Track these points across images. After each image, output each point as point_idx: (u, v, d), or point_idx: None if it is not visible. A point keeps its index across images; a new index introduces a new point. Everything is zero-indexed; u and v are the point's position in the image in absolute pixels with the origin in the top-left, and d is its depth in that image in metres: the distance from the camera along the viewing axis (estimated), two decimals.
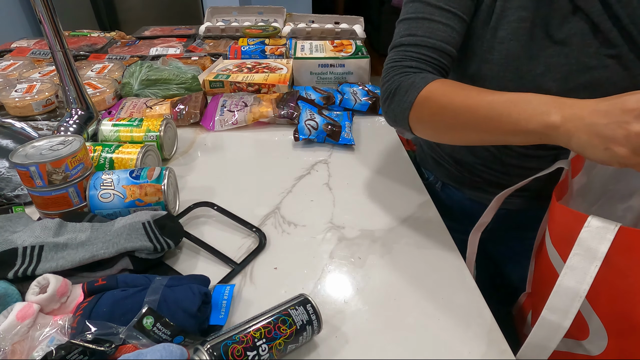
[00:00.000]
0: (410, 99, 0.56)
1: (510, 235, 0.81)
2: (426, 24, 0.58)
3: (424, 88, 0.55)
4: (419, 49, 0.58)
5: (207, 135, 0.89)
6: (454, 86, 0.54)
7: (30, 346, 0.41)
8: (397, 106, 0.58)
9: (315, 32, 1.32)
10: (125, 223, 0.54)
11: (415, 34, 0.58)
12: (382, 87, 0.61)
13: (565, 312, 0.45)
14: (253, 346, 0.41)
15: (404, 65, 0.59)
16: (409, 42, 0.59)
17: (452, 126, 0.54)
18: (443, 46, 0.58)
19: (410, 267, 0.57)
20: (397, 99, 0.58)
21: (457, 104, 0.52)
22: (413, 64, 0.58)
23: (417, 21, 0.59)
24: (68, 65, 0.73)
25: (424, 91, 0.55)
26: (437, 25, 0.58)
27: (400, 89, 0.57)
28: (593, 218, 0.43)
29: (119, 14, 2.69)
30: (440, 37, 0.58)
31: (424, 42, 0.58)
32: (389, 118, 0.62)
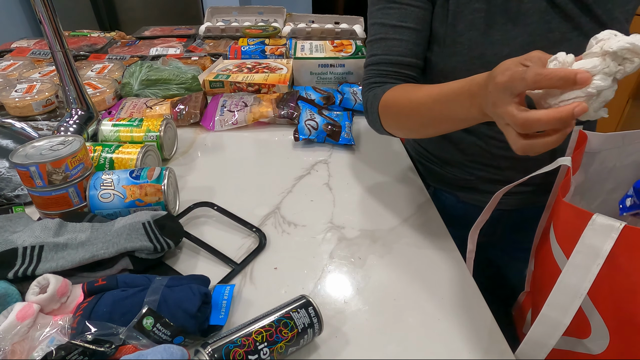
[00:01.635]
0: (375, 109, 0.65)
1: (506, 237, 0.81)
2: (383, 43, 0.65)
3: (382, 98, 0.63)
4: (379, 67, 0.66)
5: (207, 135, 0.89)
6: (401, 91, 0.62)
7: (30, 346, 0.41)
8: (371, 118, 0.68)
9: (315, 32, 1.32)
10: (125, 223, 0.54)
11: (375, 54, 0.66)
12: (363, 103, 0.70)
13: (566, 309, 0.45)
14: (254, 350, 0.41)
15: (370, 83, 0.67)
16: (372, 62, 0.67)
17: (412, 127, 0.63)
18: (400, 59, 0.64)
19: (410, 267, 0.57)
20: (369, 112, 0.67)
21: (404, 109, 0.60)
22: (377, 80, 0.66)
23: (377, 42, 0.66)
24: (68, 65, 0.73)
25: (382, 100, 0.63)
26: (392, 42, 0.64)
27: (368, 103, 0.67)
28: (598, 216, 0.43)
29: (119, 14, 2.69)
30: (396, 52, 0.64)
31: (383, 59, 0.65)
32: (373, 128, 0.70)
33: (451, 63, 0.63)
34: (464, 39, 0.61)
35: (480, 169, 0.73)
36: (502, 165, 0.71)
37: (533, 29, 0.59)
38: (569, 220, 0.48)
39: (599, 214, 0.43)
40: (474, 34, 0.60)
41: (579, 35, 0.58)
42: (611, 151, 0.58)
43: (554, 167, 0.54)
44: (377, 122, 0.66)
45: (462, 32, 0.61)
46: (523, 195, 0.73)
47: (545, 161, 0.54)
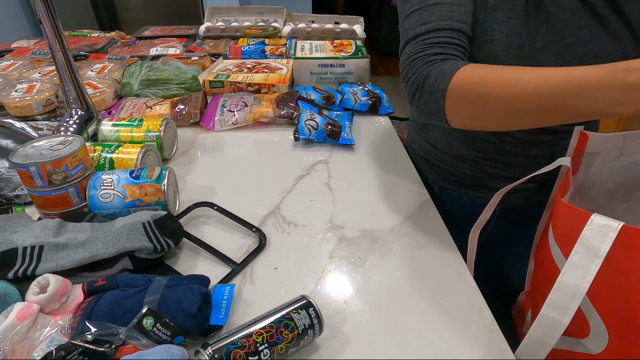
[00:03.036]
0: (443, 87, 0.53)
1: (512, 234, 0.81)
2: (438, 8, 0.56)
3: (455, 74, 0.52)
4: (438, 33, 0.56)
5: (207, 135, 0.89)
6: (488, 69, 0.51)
7: (30, 346, 0.41)
8: (429, 97, 0.55)
9: (315, 32, 1.32)
10: (125, 223, 0.54)
11: (429, 21, 0.56)
12: (407, 83, 0.57)
13: (565, 310, 0.45)
14: (255, 351, 0.41)
15: (427, 54, 0.55)
16: (426, 30, 0.56)
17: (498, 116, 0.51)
18: (461, 26, 0.56)
19: (410, 267, 0.57)
20: (427, 90, 0.55)
21: (500, 93, 0.49)
22: (437, 50, 0.55)
23: (427, 9, 0.57)
24: (68, 65, 0.73)
25: (456, 78, 0.52)
26: (450, 7, 0.56)
27: (429, 79, 0.54)
28: (596, 216, 0.43)
29: (119, 14, 2.69)
30: (456, 17, 0.56)
31: (442, 25, 0.56)
32: (421, 112, 0.58)
33: (485, 51, 0.59)
34: (502, 27, 0.58)
35: (491, 166, 0.72)
36: (514, 162, 0.70)
37: (564, 25, 0.58)
38: (568, 220, 0.48)
39: (597, 214, 0.43)
40: (514, 23, 0.57)
41: (607, 35, 0.58)
42: (612, 151, 0.58)
43: (553, 167, 0.54)
44: (437, 104, 0.54)
45: (501, 19, 0.58)
46: (529, 192, 0.73)
47: (555, 158, 0.54)
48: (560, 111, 0.45)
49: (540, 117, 0.48)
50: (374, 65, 0.96)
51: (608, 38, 0.58)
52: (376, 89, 1.03)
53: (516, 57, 0.59)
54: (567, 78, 0.44)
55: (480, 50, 0.60)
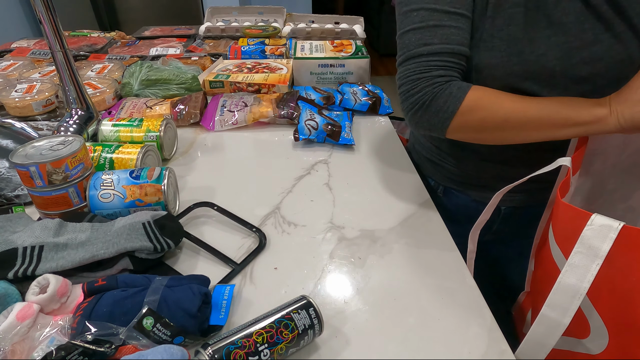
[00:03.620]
0: (452, 109, 0.58)
1: (516, 234, 0.81)
2: (439, 31, 0.59)
3: (466, 97, 0.58)
4: (441, 57, 0.59)
5: (207, 135, 0.89)
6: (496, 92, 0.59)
7: (30, 346, 0.41)
8: (434, 117, 0.60)
9: (315, 32, 1.32)
10: (125, 223, 0.54)
11: (432, 43, 0.59)
12: (409, 99, 0.61)
13: (565, 310, 0.45)
14: (255, 351, 0.41)
15: (432, 76, 0.59)
16: (429, 52, 0.59)
17: (502, 128, 0.58)
18: (461, 49, 0.60)
19: (410, 267, 0.57)
20: (433, 110, 0.59)
21: (507, 108, 0.57)
22: (441, 73, 0.59)
23: (429, 29, 0.59)
24: (68, 65, 0.73)
25: (467, 100, 0.58)
26: (450, 30, 0.59)
27: (437, 100, 0.59)
28: (597, 216, 0.43)
29: (119, 14, 2.69)
30: (456, 41, 0.59)
31: (444, 49, 0.59)
32: (420, 127, 0.63)
33: (487, 58, 0.61)
34: (502, 34, 0.59)
35: (496, 167, 0.73)
36: (518, 164, 0.70)
37: (568, 28, 0.58)
38: (568, 220, 0.48)
39: (598, 214, 0.43)
40: (514, 30, 0.59)
41: (610, 37, 0.58)
42: (612, 151, 0.58)
43: (554, 167, 0.54)
44: (443, 122, 0.60)
45: (501, 26, 0.59)
46: (533, 192, 0.73)
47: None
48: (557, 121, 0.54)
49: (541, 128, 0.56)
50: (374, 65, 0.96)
51: (612, 40, 0.58)
52: (376, 89, 1.03)
53: (517, 63, 0.59)
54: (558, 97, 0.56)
55: (481, 58, 0.61)
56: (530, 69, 0.59)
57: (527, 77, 0.60)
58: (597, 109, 0.52)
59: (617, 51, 0.58)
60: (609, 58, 0.59)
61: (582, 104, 0.53)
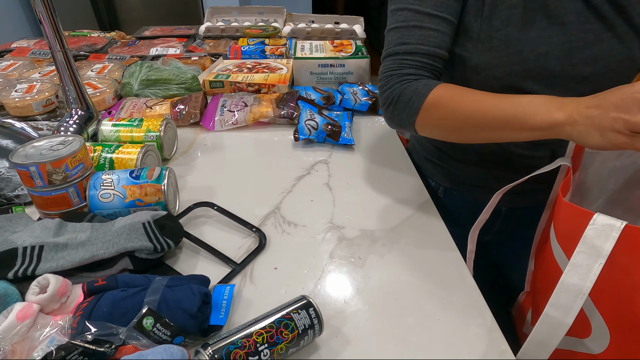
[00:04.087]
0: (417, 105, 0.59)
1: (517, 234, 0.81)
2: (417, 31, 0.61)
3: (429, 94, 0.58)
4: (415, 57, 0.61)
5: (207, 135, 0.89)
6: (459, 90, 0.58)
7: (30, 346, 0.41)
8: (402, 112, 0.61)
9: (315, 32, 1.32)
10: (125, 223, 0.54)
11: (408, 42, 0.61)
12: (383, 94, 0.64)
13: (568, 309, 0.45)
14: (255, 351, 0.41)
15: (402, 74, 0.62)
16: (404, 51, 0.62)
17: (462, 127, 0.58)
18: (436, 51, 0.61)
19: (410, 267, 0.57)
20: (400, 106, 0.61)
21: (467, 108, 0.56)
22: (412, 71, 0.61)
23: (409, 29, 0.61)
24: (68, 65, 0.73)
25: (430, 97, 0.58)
26: (429, 32, 0.61)
27: (403, 96, 0.61)
28: (599, 215, 0.43)
29: (119, 14, 2.69)
30: (433, 43, 0.61)
31: (418, 49, 0.61)
32: (392, 122, 0.65)
33: (486, 59, 0.61)
34: (500, 34, 0.59)
35: (496, 168, 0.73)
36: (518, 163, 0.70)
37: (569, 28, 0.58)
38: (570, 220, 0.48)
39: (600, 214, 0.43)
40: (511, 30, 0.59)
41: (611, 37, 0.58)
42: (612, 151, 0.58)
43: (554, 167, 0.54)
44: (409, 118, 0.61)
45: (499, 27, 0.59)
46: (534, 193, 0.73)
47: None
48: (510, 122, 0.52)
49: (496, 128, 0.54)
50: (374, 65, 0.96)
51: (613, 40, 0.58)
52: (376, 89, 1.02)
53: (517, 63, 0.59)
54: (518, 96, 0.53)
55: (480, 59, 0.61)
56: (530, 69, 0.59)
57: (528, 77, 0.60)
58: (554, 113, 0.48)
59: (619, 51, 0.58)
60: (610, 58, 0.59)
61: (541, 106, 0.50)
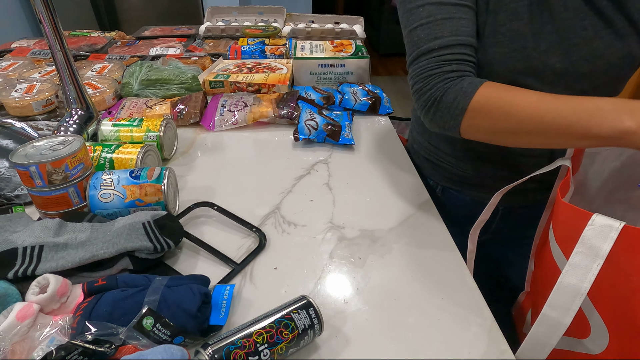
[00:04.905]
0: (463, 106, 0.55)
1: (514, 234, 0.81)
2: (448, 23, 0.57)
3: (476, 93, 0.54)
4: (453, 49, 0.57)
5: (207, 135, 0.89)
6: (510, 90, 0.54)
7: (30, 346, 0.41)
8: (446, 113, 0.57)
9: (315, 32, 1.32)
10: (125, 223, 0.54)
11: (442, 36, 0.57)
12: (423, 96, 0.59)
13: (566, 310, 0.45)
14: (255, 351, 0.41)
15: (444, 71, 0.57)
16: (440, 45, 0.57)
17: (515, 132, 0.53)
18: (471, 41, 0.58)
19: (410, 267, 0.57)
20: (444, 107, 0.57)
21: (521, 110, 0.52)
22: (453, 67, 0.57)
23: (437, 23, 0.57)
24: (68, 65, 0.73)
25: (477, 96, 0.54)
26: (460, 22, 0.57)
27: (447, 96, 0.56)
28: (597, 216, 0.43)
29: (119, 14, 2.70)
30: (466, 32, 0.57)
31: (455, 41, 0.57)
32: (434, 125, 0.60)
33: (490, 54, 0.59)
34: (505, 29, 0.58)
35: (494, 167, 0.73)
36: (516, 162, 0.70)
37: (567, 25, 0.58)
38: (568, 220, 0.48)
39: (599, 214, 0.43)
40: (517, 25, 0.58)
41: (610, 34, 0.58)
42: (612, 151, 0.58)
43: (553, 167, 0.54)
44: (455, 119, 0.56)
45: (504, 21, 0.58)
46: (531, 192, 0.73)
47: (556, 159, 0.54)
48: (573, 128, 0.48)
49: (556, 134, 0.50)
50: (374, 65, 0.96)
51: (612, 36, 0.58)
52: (376, 89, 1.03)
53: (521, 59, 0.59)
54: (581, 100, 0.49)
55: (485, 54, 0.60)
56: (532, 66, 0.59)
57: (529, 74, 0.59)
58: (625, 121, 0.45)
59: (618, 48, 0.58)
60: (610, 55, 0.59)
61: (609, 113, 0.46)
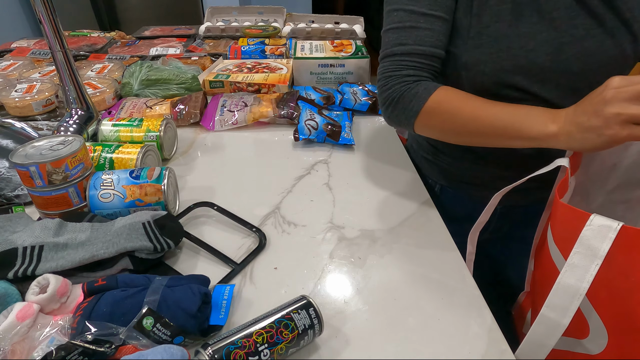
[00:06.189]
0: (416, 108, 0.60)
1: (513, 233, 0.81)
2: (414, 32, 0.61)
3: (429, 98, 0.60)
4: (412, 57, 0.62)
5: (207, 135, 0.89)
6: (458, 96, 0.60)
7: (30, 346, 0.41)
8: (402, 113, 0.63)
9: (315, 32, 1.32)
10: (125, 223, 0.54)
11: (405, 43, 0.62)
12: (382, 95, 0.64)
13: (565, 310, 0.45)
14: (255, 351, 0.41)
15: (402, 75, 0.62)
16: (402, 52, 0.62)
17: (459, 132, 0.60)
18: (433, 51, 0.62)
19: (410, 268, 0.57)
20: (400, 107, 0.62)
21: (465, 114, 0.58)
22: (410, 72, 0.62)
23: (405, 30, 0.62)
24: (68, 65, 0.73)
25: (430, 101, 0.60)
26: (424, 32, 0.61)
27: (404, 98, 0.61)
28: (596, 216, 0.43)
29: (119, 14, 2.69)
30: (429, 42, 0.61)
31: (416, 50, 0.61)
32: (392, 122, 0.67)
33: (476, 55, 0.61)
34: (490, 30, 0.60)
35: (491, 165, 0.73)
36: (512, 161, 0.70)
37: (558, 24, 0.59)
38: (567, 221, 0.48)
39: (597, 215, 0.43)
40: (501, 26, 0.59)
41: (602, 32, 0.58)
42: (612, 152, 0.58)
43: (552, 167, 0.54)
44: (409, 120, 0.62)
45: (488, 23, 0.60)
46: (529, 191, 0.73)
47: (551, 157, 0.54)
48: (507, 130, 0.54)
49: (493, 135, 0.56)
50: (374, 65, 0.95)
51: (604, 35, 0.58)
52: (376, 89, 1.02)
53: (507, 59, 0.60)
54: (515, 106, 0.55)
55: (470, 55, 0.62)
56: (519, 64, 0.60)
57: (517, 73, 0.60)
58: (549, 125, 0.51)
59: (609, 46, 0.59)
60: (601, 53, 0.59)
61: (537, 118, 0.52)
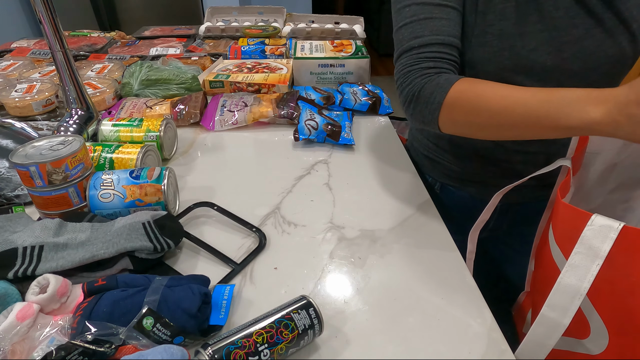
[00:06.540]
0: (439, 99, 0.56)
1: (513, 231, 0.81)
2: (430, 23, 0.59)
3: (451, 89, 0.55)
4: (431, 48, 0.59)
5: (207, 135, 0.89)
6: (483, 85, 0.54)
7: (30, 346, 0.41)
8: (425, 108, 0.58)
9: (315, 32, 1.32)
10: (125, 223, 0.54)
11: (422, 35, 0.59)
12: (403, 92, 0.61)
13: (565, 310, 0.45)
14: (255, 351, 0.41)
15: (422, 67, 0.59)
16: (419, 44, 0.59)
17: (488, 125, 0.54)
18: (451, 40, 0.59)
19: (410, 267, 0.57)
20: (423, 101, 0.58)
21: (493, 104, 0.52)
22: (430, 64, 0.59)
23: (420, 23, 0.60)
24: (68, 65, 0.73)
25: (452, 91, 0.55)
26: (441, 22, 0.59)
27: (425, 90, 0.58)
28: (597, 216, 0.43)
29: (119, 14, 2.70)
30: (447, 32, 0.59)
31: (434, 40, 0.59)
32: (415, 120, 0.62)
33: (479, 53, 0.61)
34: (494, 29, 0.60)
35: (492, 163, 0.73)
36: (513, 159, 0.70)
37: (558, 23, 0.59)
38: (568, 220, 0.48)
39: (598, 215, 0.43)
40: (505, 25, 0.59)
41: (602, 32, 0.58)
42: (612, 151, 0.58)
43: (554, 167, 0.54)
44: (432, 114, 0.58)
45: (493, 21, 0.60)
46: (528, 189, 0.73)
47: (557, 157, 0.54)
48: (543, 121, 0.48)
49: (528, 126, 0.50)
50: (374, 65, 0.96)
51: (603, 34, 0.59)
52: (376, 89, 1.03)
53: (509, 58, 0.60)
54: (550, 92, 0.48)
55: (474, 53, 0.61)
56: (521, 64, 0.60)
57: (519, 72, 0.60)
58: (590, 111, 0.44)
59: (608, 46, 0.59)
60: (601, 53, 0.59)
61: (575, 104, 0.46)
